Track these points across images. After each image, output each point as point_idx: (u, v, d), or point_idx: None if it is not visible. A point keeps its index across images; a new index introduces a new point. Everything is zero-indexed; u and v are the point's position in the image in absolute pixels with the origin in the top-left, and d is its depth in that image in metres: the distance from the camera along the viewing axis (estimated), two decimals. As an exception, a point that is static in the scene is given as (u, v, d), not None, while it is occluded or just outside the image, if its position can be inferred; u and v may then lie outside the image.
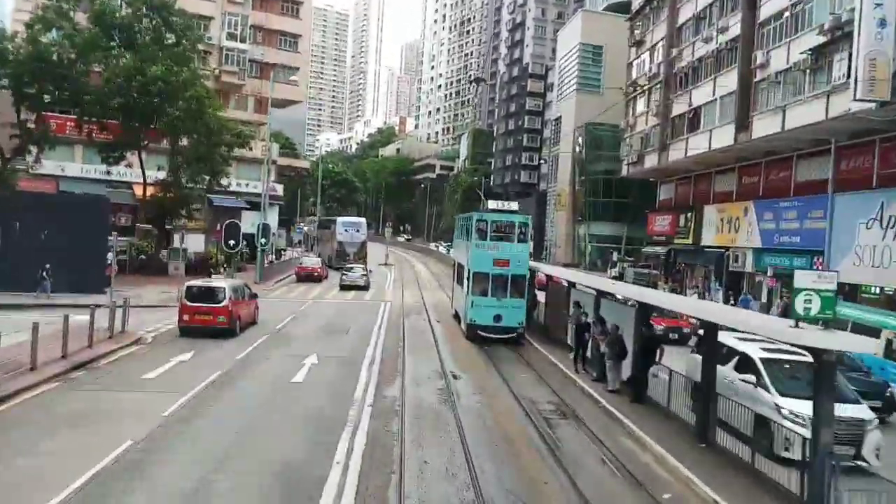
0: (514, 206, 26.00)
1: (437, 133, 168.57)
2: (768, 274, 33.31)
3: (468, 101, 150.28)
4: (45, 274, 26.92)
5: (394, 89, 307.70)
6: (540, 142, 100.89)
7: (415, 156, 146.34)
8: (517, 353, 22.59)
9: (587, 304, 20.83)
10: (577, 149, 77.73)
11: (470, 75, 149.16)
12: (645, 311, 16.78)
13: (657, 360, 16.44)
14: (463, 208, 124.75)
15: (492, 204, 26.35)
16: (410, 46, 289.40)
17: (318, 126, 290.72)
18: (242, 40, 54.17)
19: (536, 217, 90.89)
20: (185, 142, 39.70)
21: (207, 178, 40.47)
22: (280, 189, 54.08)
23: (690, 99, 40.01)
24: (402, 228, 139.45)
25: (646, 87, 47.04)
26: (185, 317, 21.63)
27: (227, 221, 38.37)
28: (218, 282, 23.85)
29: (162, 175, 39.92)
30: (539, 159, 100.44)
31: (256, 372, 17.78)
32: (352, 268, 44.46)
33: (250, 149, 45.79)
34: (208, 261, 39.50)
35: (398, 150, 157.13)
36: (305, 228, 65.52)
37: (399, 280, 49.75)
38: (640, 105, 48.83)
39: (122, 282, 28.46)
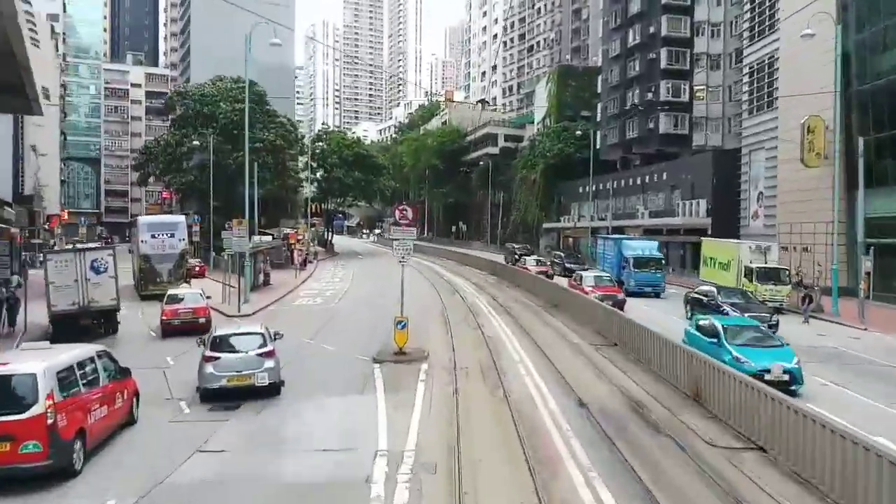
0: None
1: (494, 98, 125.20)
2: None
3: (540, 43, 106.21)
4: None
5: (438, 74, 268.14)
6: (690, 61, 56.45)
7: (467, 128, 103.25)
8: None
9: None
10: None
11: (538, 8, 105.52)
12: None
13: None
14: (547, 192, 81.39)
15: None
16: (454, 30, 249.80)
17: (356, 118, 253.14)
18: None
19: (713, 196, 47.13)
20: None
21: None
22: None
23: None
24: (454, 228, 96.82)
25: None
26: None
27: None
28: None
29: None
30: (689, 89, 55.90)
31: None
32: (234, 337, 15.41)
33: None
34: None
35: (444, 122, 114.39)
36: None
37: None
38: None
39: None
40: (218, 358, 14.56)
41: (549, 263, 44.14)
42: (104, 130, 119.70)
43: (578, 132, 64.49)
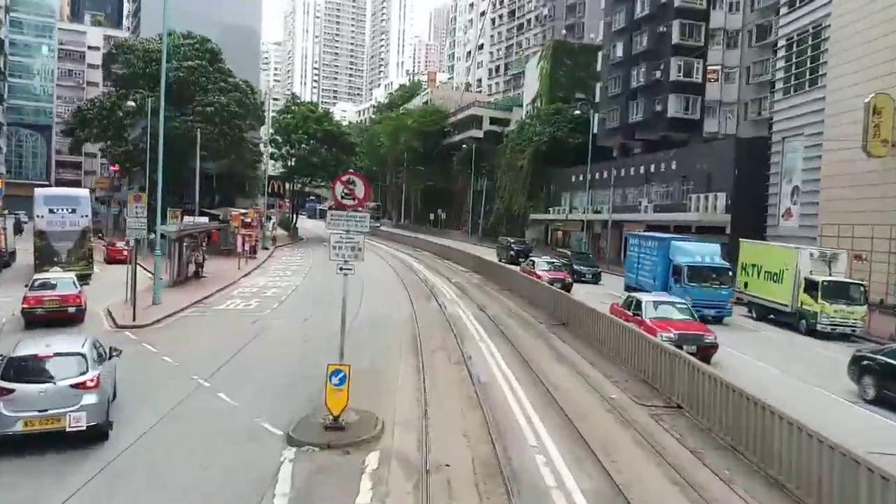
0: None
1: (479, 80, 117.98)
2: None
3: (531, 20, 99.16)
4: None
5: (421, 57, 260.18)
6: (705, 36, 49.91)
7: (450, 109, 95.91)
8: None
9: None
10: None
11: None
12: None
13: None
14: (536, 180, 72.39)
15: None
16: (440, 12, 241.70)
17: (335, 97, 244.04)
18: None
19: (734, 189, 40.77)
20: None
21: None
22: None
23: None
24: (432, 216, 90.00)
25: None
26: None
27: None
28: None
29: None
30: (702, 69, 49.42)
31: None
32: (39, 360, 10.68)
33: None
34: None
35: (426, 102, 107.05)
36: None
37: None
38: None
39: None
40: (12, 391, 10.12)
41: (563, 267, 33.60)
42: (57, 96, 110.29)
43: (577, 112, 57.64)
